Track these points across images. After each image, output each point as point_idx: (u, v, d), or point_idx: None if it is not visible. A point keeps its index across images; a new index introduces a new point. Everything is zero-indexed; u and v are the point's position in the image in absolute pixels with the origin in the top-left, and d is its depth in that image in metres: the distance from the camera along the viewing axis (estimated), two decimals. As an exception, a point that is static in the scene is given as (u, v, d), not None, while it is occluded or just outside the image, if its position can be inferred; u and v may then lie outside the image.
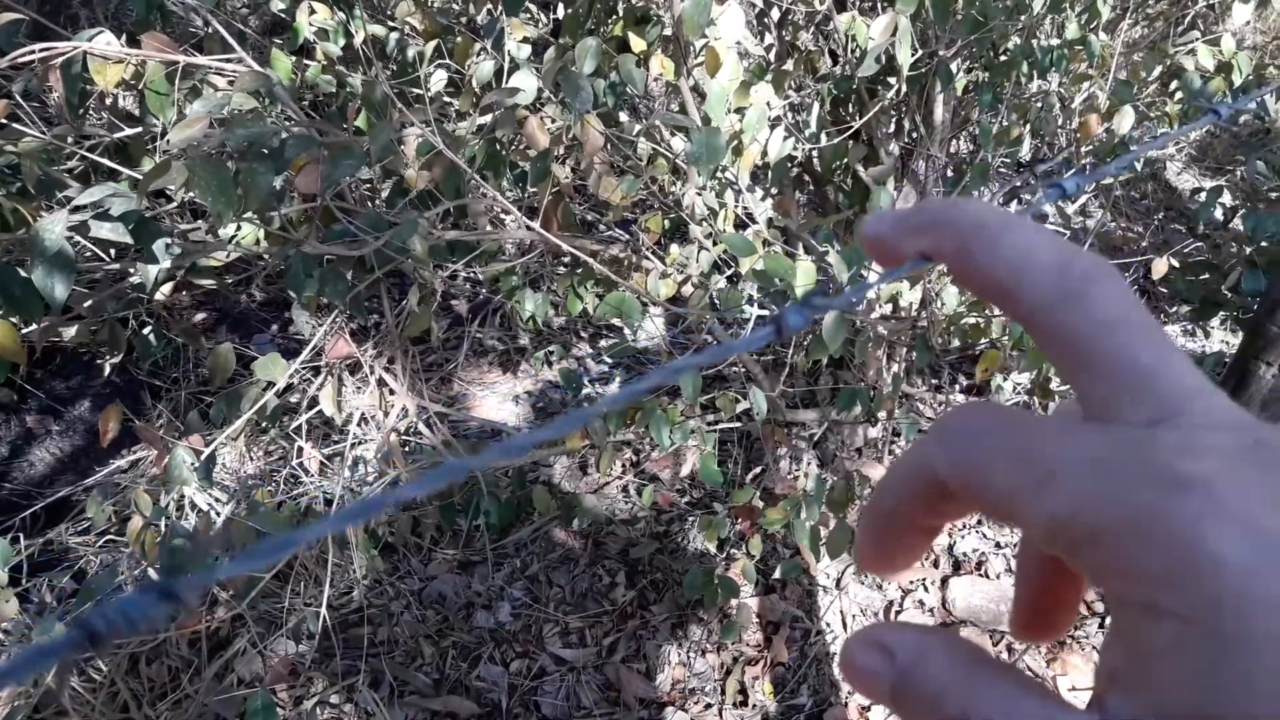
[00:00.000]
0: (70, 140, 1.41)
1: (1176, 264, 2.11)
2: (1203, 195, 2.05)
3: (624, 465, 2.42)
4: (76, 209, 0.97)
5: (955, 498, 0.22)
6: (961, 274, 0.24)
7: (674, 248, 1.86)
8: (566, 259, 2.71)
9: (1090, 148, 2.00)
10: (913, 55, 1.60)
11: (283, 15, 1.91)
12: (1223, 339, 2.79)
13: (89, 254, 1.43)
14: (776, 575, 2.07)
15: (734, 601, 2.01)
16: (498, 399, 2.60)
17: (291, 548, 0.21)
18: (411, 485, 0.22)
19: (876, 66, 1.54)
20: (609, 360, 2.66)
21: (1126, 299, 0.21)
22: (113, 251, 1.29)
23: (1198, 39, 1.95)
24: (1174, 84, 2.03)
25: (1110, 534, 0.18)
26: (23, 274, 1.07)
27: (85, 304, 1.30)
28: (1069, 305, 0.21)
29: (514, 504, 2.10)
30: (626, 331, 2.65)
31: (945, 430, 0.22)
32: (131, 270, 1.38)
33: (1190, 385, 0.20)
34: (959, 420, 0.22)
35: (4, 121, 1.19)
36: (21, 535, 2.04)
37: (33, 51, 1.21)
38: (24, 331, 1.33)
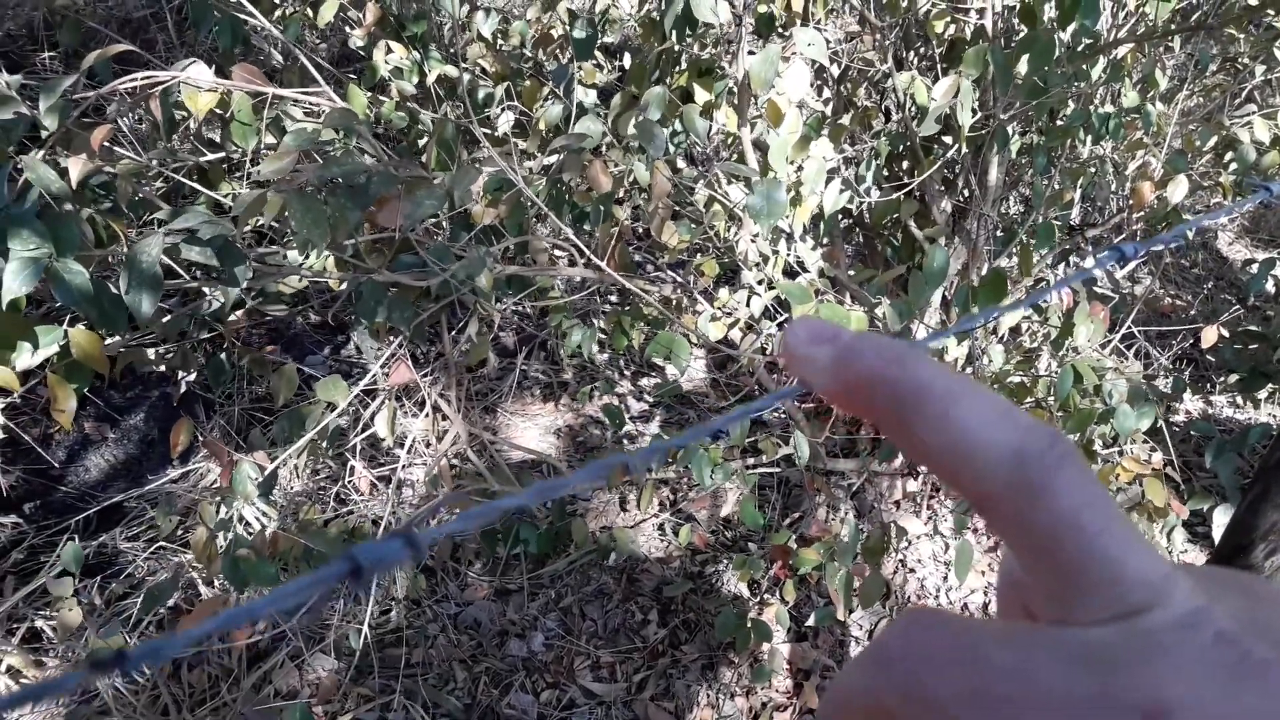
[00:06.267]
0: (157, 163, 1.49)
1: (1226, 333, 2.11)
2: (1254, 267, 2.05)
3: (661, 503, 2.44)
4: (170, 231, 1.03)
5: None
6: (897, 439, 0.22)
7: (723, 291, 1.89)
8: (614, 297, 2.76)
9: (1142, 214, 2.02)
10: (972, 117, 1.63)
11: (357, 50, 1.99)
12: (1270, 411, 2.76)
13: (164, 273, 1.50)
14: (810, 623, 2.07)
15: (765, 646, 2.02)
16: (539, 431, 2.64)
17: (502, 510, 0.23)
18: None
19: (937, 127, 1.57)
20: (650, 399, 2.69)
21: (1088, 486, 0.20)
22: (199, 273, 1.35)
23: (1254, 112, 1.97)
24: (1229, 155, 2.04)
25: None
26: (112, 289, 1.13)
27: (164, 319, 1.36)
28: (1028, 496, 0.20)
29: (553, 535, 2.13)
30: (669, 371, 2.68)
31: (888, 660, 0.21)
32: (207, 291, 1.45)
33: (1153, 578, 0.20)
34: (901, 646, 0.21)
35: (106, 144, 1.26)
36: (76, 537, 2.10)
37: (135, 79, 1.28)
38: (105, 343, 1.40)
